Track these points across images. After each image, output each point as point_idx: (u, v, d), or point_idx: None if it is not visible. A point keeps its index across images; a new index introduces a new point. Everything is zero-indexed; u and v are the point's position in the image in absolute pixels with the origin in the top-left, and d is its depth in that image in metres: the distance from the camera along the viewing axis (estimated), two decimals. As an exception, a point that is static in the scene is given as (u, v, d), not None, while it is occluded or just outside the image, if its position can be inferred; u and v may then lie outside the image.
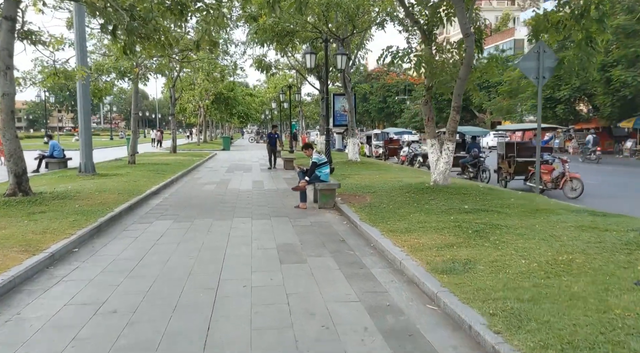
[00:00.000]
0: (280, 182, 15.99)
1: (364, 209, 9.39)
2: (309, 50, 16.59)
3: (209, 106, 48.24)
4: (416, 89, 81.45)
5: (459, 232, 6.98)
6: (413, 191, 10.99)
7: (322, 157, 10.57)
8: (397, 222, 7.98)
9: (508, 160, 15.86)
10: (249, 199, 12.11)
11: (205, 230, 8.40)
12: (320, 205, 10.56)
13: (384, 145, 31.19)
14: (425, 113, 11.72)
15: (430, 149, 11.58)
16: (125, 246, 7.28)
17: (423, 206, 9.28)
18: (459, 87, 10.82)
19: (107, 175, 15.65)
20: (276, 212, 10.24)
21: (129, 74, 17.68)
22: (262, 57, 28.35)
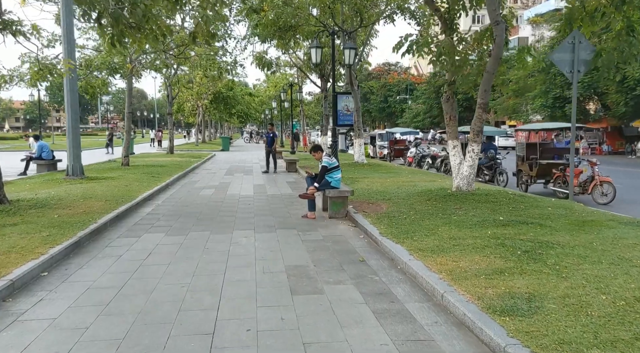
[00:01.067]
0: (284, 187, 14.82)
1: (382, 220, 8.23)
2: (316, 43, 15.43)
3: (208, 105, 47.07)
4: (417, 89, 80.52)
5: (504, 252, 5.82)
6: (434, 198, 9.83)
7: (333, 161, 9.41)
8: (425, 237, 6.82)
9: (529, 163, 14.70)
10: (250, 207, 10.95)
11: (201, 246, 7.24)
12: (330, 214, 9.40)
13: (389, 146, 30.03)
14: (446, 111, 10.57)
15: (452, 151, 10.42)
16: (105, 268, 6.11)
17: (450, 217, 8.11)
18: (486, 81, 9.67)
19: (97, 179, 14.47)
20: (282, 222, 9.08)
21: (121, 71, 16.49)
22: (263, 54, 27.25)
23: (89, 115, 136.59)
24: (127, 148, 19.46)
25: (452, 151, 10.42)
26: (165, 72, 23.05)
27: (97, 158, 26.63)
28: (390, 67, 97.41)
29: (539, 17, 67.44)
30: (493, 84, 10.23)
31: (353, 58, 15.92)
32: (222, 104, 48.53)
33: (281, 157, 28.77)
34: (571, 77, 10.22)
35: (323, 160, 9.36)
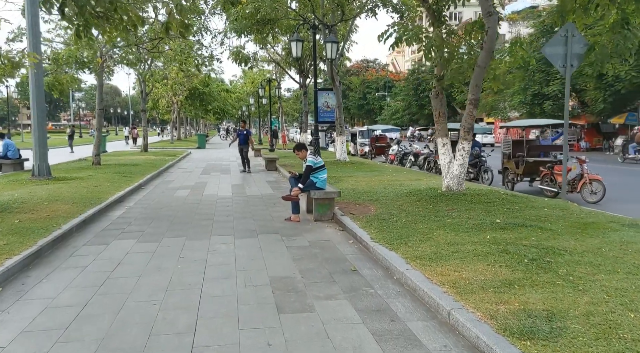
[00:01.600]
0: (264, 186, 14.20)
1: (372, 223, 7.70)
2: (296, 36, 14.81)
3: (183, 102, 46.04)
4: (396, 86, 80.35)
5: (509, 260, 5.33)
6: (424, 199, 9.34)
7: (318, 160, 8.84)
8: (420, 243, 6.31)
9: (515, 160, 14.36)
10: (229, 209, 10.32)
11: (176, 254, 6.61)
12: (316, 217, 8.83)
13: (370, 143, 29.60)
14: (435, 107, 10.09)
15: (442, 149, 9.95)
16: (68, 282, 5.45)
17: (444, 219, 7.63)
18: (477, 76, 9.21)
19: (65, 179, 13.64)
20: (263, 226, 8.48)
21: (90, 65, 15.63)
22: (240, 48, 26.54)
23: (61, 112, 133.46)
24: (99, 146, 18.58)
25: (442, 149, 9.95)
26: (139, 67, 22.16)
27: (68, 156, 25.63)
28: (369, 64, 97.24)
29: (515, 14, 67.89)
30: (488, 78, 9.79)
31: (335, 52, 15.36)
32: (198, 100, 47.53)
33: (260, 155, 28.13)
34: (564, 72, 9.83)
35: (307, 159, 8.78)
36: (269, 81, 34.50)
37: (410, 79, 66.93)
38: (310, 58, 29.53)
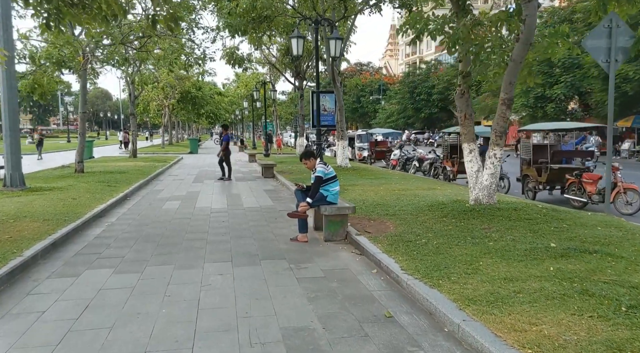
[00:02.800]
0: (262, 197, 12.89)
1: (396, 246, 6.43)
2: (297, 33, 13.55)
3: (175, 105, 44.64)
4: (390, 89, 79.22)
5: (598, 306, 4.07)
6: (451, 214, 8.08)
7: (329, 170, 7.56)
8: (467, 276, 5.04)
9: (537, 167, 13.15)
10: (225, 225, 9.00)
11: (161, 291, 5.29)
12: (326, 236, 7.55)
13: (369, 147, 28.36)
14: (460, 108, 8.84)
15: (469, 156, 8.69)
16: (14, 339, 4.13)
17: (484, 242, 6.36)
18: (511, 71, 7.97)
19: (40, 190, 12.27)
20: (266, 248, 7.18)
21: (70, 64, 14.27)
22: (234, 49, 25.30)
23: (50, 116, 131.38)
24: (82, 152, 17.19)
25: (469, 156, 8.69)
26: (126, 68, 20.80)
27: (51, 163, 24.13)
28: (362, 67, 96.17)
29: (512, 17, 67.00)
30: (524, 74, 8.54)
31: (339, 50, 14.11)
32: (190, 103, 46.15)
33: (255, 161, 26.82)
34: (607, 68, 8.61)
35: (317, 169, 7.49)
36: (263, 83, 33.20)
37: (406, 81, 65.83)
38: (307, 59, 28.29)
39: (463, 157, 16.80)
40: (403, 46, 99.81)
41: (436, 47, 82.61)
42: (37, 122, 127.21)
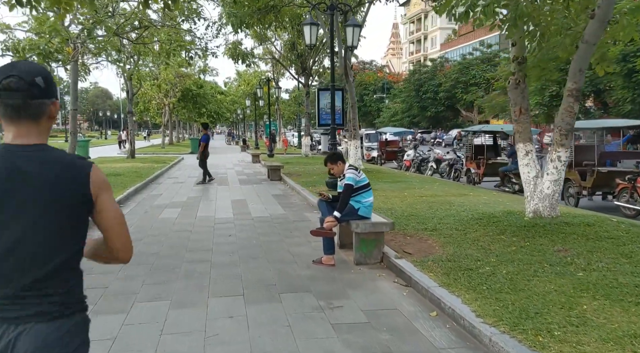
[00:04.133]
0: (271, 203, 11.47)
1: (454, 276, 5.01)
2: (310, 19, 12.11)
3: (176, 104, 43.22)
4: (394, 87, 77.66)
5: None
6: (508, 230, 6.65)
7: (361, 177, 6.15)
8: (576, 330, 3.61)
9: (581, 170, 11.72)
10: (232, 241, 7.58)
11: (151, 346, 3.88)
12: (358, 258, 6.12)
13: (379, 147, 26.89)
14: (514, 101, 7.39)
15: (524, 159, 7.25)
16: None
17: (568, 270, 4.93)
18: (582, 56, 6.54)
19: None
20: (284, 274, 5.75)
21: (58, 56, 12.85)
22: (237, 44, 23.92)
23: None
24: (74, 152, 15.75)
25: (525, 159, 7.25)
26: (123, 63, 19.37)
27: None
28: (365, 66, 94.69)
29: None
30: (597, 58, 7.11)
31: (357, 38, 12.67)
32: (191, 102, 44.74)
33: (259, 161, 25.42)
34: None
35: (346, 175, 6.06)
36: (267, 81, 31.79)
37: (412, 79, 64.31)
38: (313, 55, 26.92)
39: (490, 158, 15.42)
40: (407, 44, 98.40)
41: (441, 45, 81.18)
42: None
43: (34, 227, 1.58)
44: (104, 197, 1.69)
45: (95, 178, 1.66)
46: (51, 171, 1.59)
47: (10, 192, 1.56)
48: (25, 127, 1.63)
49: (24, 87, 1.59)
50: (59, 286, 1.63)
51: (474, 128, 17.02)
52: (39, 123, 1.65)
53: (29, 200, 1.57)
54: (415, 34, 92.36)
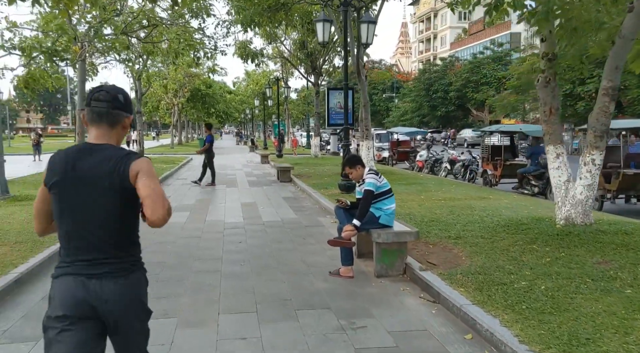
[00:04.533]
0: (282, 206, 11.06)
1: (487, 291, 4.58)
2: (322, 16, 11.68)
3: (185, 104, 42.97)
4: (404, 86, 76.99)
5: None
6: (539, 238, 6.19)
7: (382, 182, 5.70)
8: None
9: (605, 172, 11.19)
10: (243, 248, 7.17)
11: (154, 375, 3.48)
12: (379, 270, 5.69)
13: (390, 147, 26.40)
14: (544, 100, 6.91)
15: (555, 161, 6.78)
16: None
17: (613, 286, 4.48)
18: (619, 52, 6.08)
19: (26, 199, 10.56)
20: (301, 289, 5.33)
21: (64, 54, 12.51)
22: (247, 43, 23.55)
23: (60, 115, 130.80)
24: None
25: (555, 162, 6.78)
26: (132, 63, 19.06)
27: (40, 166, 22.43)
28: (374, 65, 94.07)
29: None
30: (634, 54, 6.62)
31: (372, 35, 12.21)
32: (200, 102, 44.49)
33: (267, 162, 25.03)
34: None
35: (366, 180, 5.63)
36: (277, 80, 31.40)
37: (422, 78, 63.67)
38: (323, 53, 26.49)
39: (507, 159, 14.91)
40: (416, 43, 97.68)
41: (451, 44, 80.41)
42: (47, 122, 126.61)
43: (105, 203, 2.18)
44: (140, 182, 2.12)
45: (133, 168, 2.14)
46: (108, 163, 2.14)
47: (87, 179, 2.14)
48: (103, 130, 2.20)
49: (108, 99, 2.18)
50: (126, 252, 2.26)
51: (490, 128, 16.49)
52: (113, 129, 2.23)
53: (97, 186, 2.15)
54: (425, 33, 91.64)
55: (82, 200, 2.16)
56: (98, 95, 2.20)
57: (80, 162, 2.16)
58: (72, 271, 2.18)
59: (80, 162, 2.16)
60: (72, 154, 2.21)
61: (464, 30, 78.14)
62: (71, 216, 2.19)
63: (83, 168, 2.15)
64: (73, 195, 2.16)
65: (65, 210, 2.19)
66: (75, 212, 2.17)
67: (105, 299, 2.15)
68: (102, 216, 2.17)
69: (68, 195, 2.17)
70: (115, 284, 2.18)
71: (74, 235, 2.19)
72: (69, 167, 2.17)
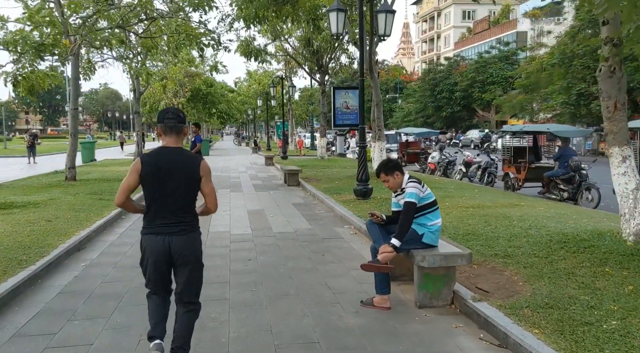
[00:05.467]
0: (293, 215, 10.05)
1: (570, 332, 3.59)
2: (337, 4, 10.66)
3: (185, 104, 41.90)
4: (407, 87, 75.83)
5: None
6: (610, 259, 5.18)
7: (426, 192, 4.69)
8: None
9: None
10: (253, 268, 6.16)
11: None
12: (421, 299, 4.67)
13: (399, 149, 25.38)
14: (607, 93, 5.84)
15: (621, 166, 5.75)
16: None
17: None
18: None
19: (11, 207, 9.54)
20: (329, 326, 4.32)
21: (53, 49, 11.50)
22: (251, 39, 22.57)
23: (60, 117, 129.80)
24: (73, 156, 14.48)
25: (620, 166, 5.74)
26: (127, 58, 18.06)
27: (46, 167, 21.44)
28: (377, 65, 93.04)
29: (537, 11, 63.62)
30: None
31: (390, 26, 11.22)
32: (201, 102, 43.43)
33: (272, 164, 24.05)
34: None
35: (408, 190, 4.61)
36: (281, 79, 30.38)
37: (426, 79, 62.57)
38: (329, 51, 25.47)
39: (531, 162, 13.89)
40: (419, 43, 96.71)
41: (455, 44, 79.36)
42: (47, 123, 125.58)
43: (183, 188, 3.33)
44: (205, 179, 3.41)
45: (201, 167, 3.40)
46: (185, 161, 3.35)
47: (170, 171, 3.25)
48: (172, 138, 3.38)
49: (174, 116, 3.38)
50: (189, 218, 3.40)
51: (513, 128, 15.45)
52: (178, 136, 3.41)
53: (177, 174, 3.28)
54: (428, 32, 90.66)
55: (165, 184, 3.27)
56: (168, 114, 3.39)
57: (165, 159, 3.31)
58: (155, 231, 3.31)
59: (165, 159, 3.31)
60: (158, 154, 3.35)
61: (468, 30, 77.10)
62: (159, 193, 3.27)
63: (167, 163, 3.29)
64: (160, 180, 3.26)
65: (155, 190, 3.28)
66: (161, 191, 3.27)
67: (177, 248, 3.30)
68: (179, 194, 3.31)
69: (157, 181, 3.26)
70: (182, 238, 3.32)
71: (159, 206, 3.30)
72: (158, 162, 3.28)
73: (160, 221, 3.30)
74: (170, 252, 3.28)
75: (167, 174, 3.26)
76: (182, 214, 3.34)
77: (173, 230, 3.29)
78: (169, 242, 3.27)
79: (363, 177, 10.77)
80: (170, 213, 3.30)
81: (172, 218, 3.30)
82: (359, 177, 10.87)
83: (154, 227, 3.31)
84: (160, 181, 3.25)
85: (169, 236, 3.28)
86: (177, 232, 3.30)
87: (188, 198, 3.37)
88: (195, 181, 3.36)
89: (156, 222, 3.30)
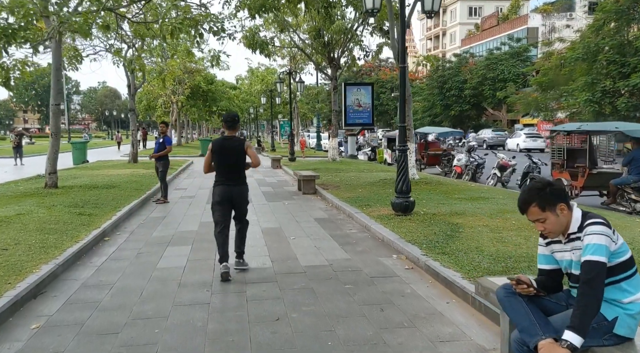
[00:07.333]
0: (320, 236, 7.97)
1: None
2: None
3: (184, 102, 39.85)
4: (413, 86, 73.62)
5: None
6: None
7: (620, 244, 2.62)
8: None
9: None
10: (281, 338, 4.09)
11: None
12: None
13: (418, 150, 23.24)
14: None
15: None
16: None
17: None
18: None
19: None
20: None
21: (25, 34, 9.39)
22: (256, 30, 20.52)
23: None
24: (54, 160, 12.39)
25: None
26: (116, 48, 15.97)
27: (31, 169, 19.29)
28: (381, 63, 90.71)
29: (549, 6, 61.49)
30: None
31: (438, 2, 9.13)
32: (201, 100, 41.38)
33: (279, 167, 21.98)
34: None
35: (591, 240, 2.55)
36: (289, 73, 28.27)
37: (434, 76, 60.40)
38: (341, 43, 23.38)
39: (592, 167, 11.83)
40: (424, 40, 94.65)
41: (462, 41, 77.22)
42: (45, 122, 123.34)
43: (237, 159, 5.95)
44: (249, 151, 5.94)
45: (246, 145, 5.99)
46: (237, 143, 5.96)
47: (229, 149, 5.88)
48: (232, 131, 6.07)
49: (231, 119, 6.16)
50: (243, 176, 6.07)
51: (567, 127, 13.32)
52: (235, 129, 6.12)
53: (233, 152, 5.90)
54: (433, 29, 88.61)
55: (228, 157, 5.85)
56: (229, 117, 6.18)
57: (227, 143, 5.93)
58: (223, 182, 5.85)
59: (227, 143, 5.93)
60: (223, 139, 6.07)
61: (476, 26, 75.01)
62: (224, 162, 5.85)
63: (228, 145, 5.88)
64: (225, 155, 5.85)
65: (221, 161, 5.85)
66: (225, 161, 5.85)
67: (235, 194, 5.88)
68: (236, 162, 5.88)
69: (223, 155, 5.85)
70: (238, 187, 5.92)
71: (224, 169, 5.86)
72: (223, 144, 5.91)
73: (225, 177, 5.87)
74: (232, 196, 5.86)
75: (228, 151, 5.86)
76: (238, 173, 5.94)
77: (232, 183, 5.87)
78: (230, 190, 5.85)
79: (404, 188, 8.69)
80: (232, 173, 5.89)
81: (233, 176, 5.89)
82: (398, 187, 8.79)
83: (222, 181, 5.87)
84: (225, 156, 5.87)
85: (230, 186, 5.86)
86: (234, 184, 5.89)
87: (239, 164, 5.93)
88: (243, 154, 5.92)
89: (222, 178, 5.87)
